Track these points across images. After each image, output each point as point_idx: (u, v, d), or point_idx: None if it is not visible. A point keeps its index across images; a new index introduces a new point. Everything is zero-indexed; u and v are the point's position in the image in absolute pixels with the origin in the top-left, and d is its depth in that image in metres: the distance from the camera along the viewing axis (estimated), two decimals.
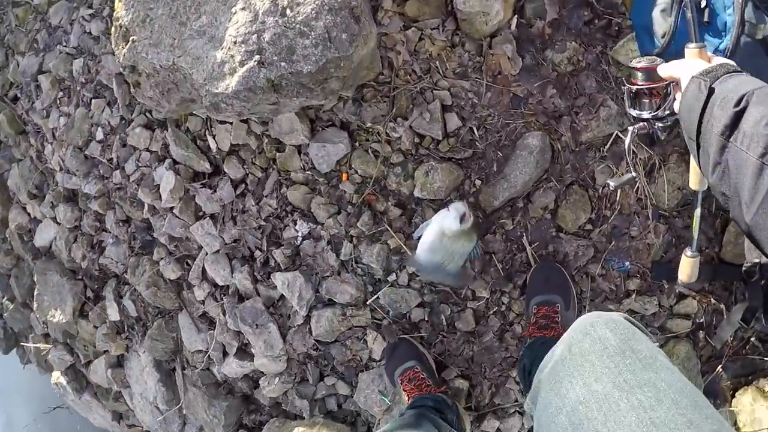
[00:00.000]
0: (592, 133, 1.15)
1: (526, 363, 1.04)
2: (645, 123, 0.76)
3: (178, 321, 1.47)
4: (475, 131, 1.17)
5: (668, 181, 1.18)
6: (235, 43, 0.96)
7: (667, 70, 0.70)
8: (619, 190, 1.18)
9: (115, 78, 1.45)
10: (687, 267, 0.95)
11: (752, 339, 1.28)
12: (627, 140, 0.79)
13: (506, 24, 1.14)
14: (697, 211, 0.87)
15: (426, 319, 1.21)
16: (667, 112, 0.73)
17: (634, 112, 0.76)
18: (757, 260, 1.03)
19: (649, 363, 0.55)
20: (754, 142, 0.46)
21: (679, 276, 1.01)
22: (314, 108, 1.19)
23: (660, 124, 0.75)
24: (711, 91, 0.55)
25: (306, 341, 1.26)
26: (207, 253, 1.34)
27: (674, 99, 0.70)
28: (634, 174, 0.81)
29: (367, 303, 1.22)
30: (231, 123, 1.26)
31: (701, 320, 1.25)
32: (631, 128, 0.77)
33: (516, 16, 1.14)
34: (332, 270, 1.22)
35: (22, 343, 2.06)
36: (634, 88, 0.75)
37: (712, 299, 1.26)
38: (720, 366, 1.29)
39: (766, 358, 1.29)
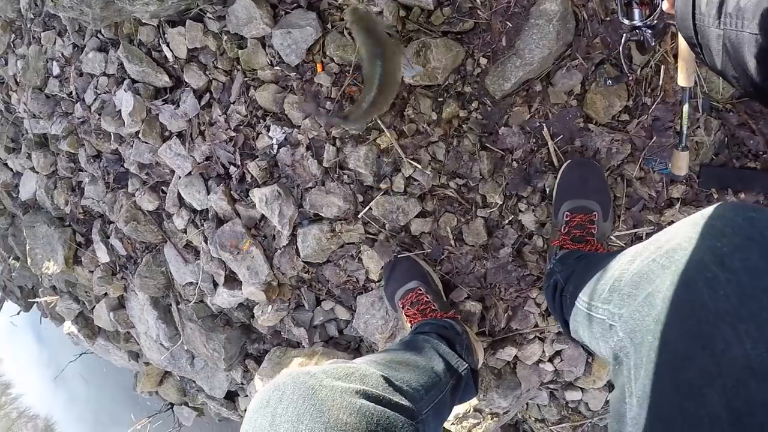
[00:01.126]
0: None
1: (558, 279, 0.84)
2: (637, 30, 0.79)
3: (165, 254, 1.36)
4: None
5: None
6: None
7: None
8: (662, 72, 0.93)
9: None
10: (678, 160, 0.89)
11: None
12: (620, 48, 0.84)
13: None
14: (686, 108, 0.86)
15: (428, 231, 1.03)
16: (655, 21, 0.77)
17: (626, 21, 0.79)
18: None
19: None
20: (740, 19, 0.46)
21: (670, 168, 0.93)
22: None
23: (650, 32, 0.78)
24: None
25: (294, 264, 1.12)
26: (180, 177, 1.20)
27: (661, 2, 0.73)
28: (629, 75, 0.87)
29: (359, 216, 1.04)
30: (184, 25, 1.07)
31: None
32: (624, 35, 0.81)
33: None
34: (315, 180, 1.04)
35: (29, 299, 2.06)
36: None
37: None
38: None
39: None
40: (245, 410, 1.60)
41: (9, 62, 1.59)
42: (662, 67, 0.95)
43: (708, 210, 0.42)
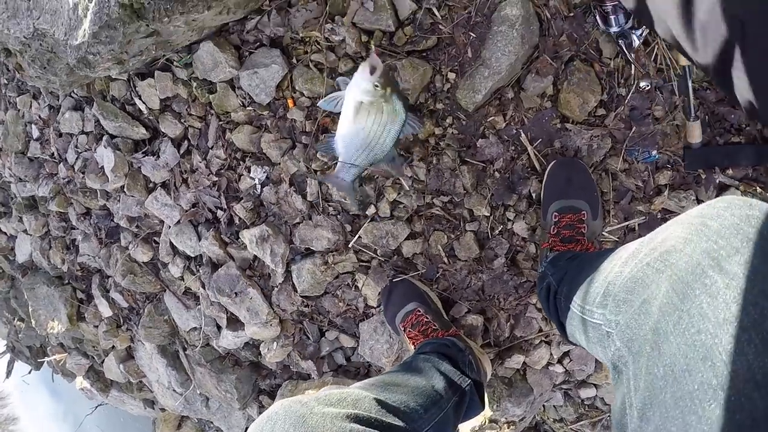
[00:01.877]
0: None
1: (551, 282, 0.83)
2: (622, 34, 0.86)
3: (166, 302, 1.36)
4: (436, 12, 0.92)
5: None
6: None
7: None
8: (633, 58, 0.93)
9: None
10: (693, 130, 0.93)
11: None
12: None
13: None
14: (689, 83, 0.89)
15: (420, 252, 1.03)
16: (629, 25, 0.84)
17: (606, 29, 0.86)
18: None
19: None
20: None
21: (688, 139, 0.96)
22: (234, 31, 0.97)
23: (637, 31, 0.86)
24: None
25: (293, 299, 1.12)
26: (170, 226, 1.20)
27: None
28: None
29: (349, 245, 1.04)
30: (153, 76, 1.08)
31: None
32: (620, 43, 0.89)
33: None
34: (302, 215, 1.04)
35: (39, 359, 2.06)
36: (607, 6, 0.85)
37: (758, 187, 1.01)
38: None
39: None
40: None
41: None
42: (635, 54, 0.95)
43: (702, 208, 0.40)
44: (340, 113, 0.85)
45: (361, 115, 0.81)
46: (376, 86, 0.78)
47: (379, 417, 0.57)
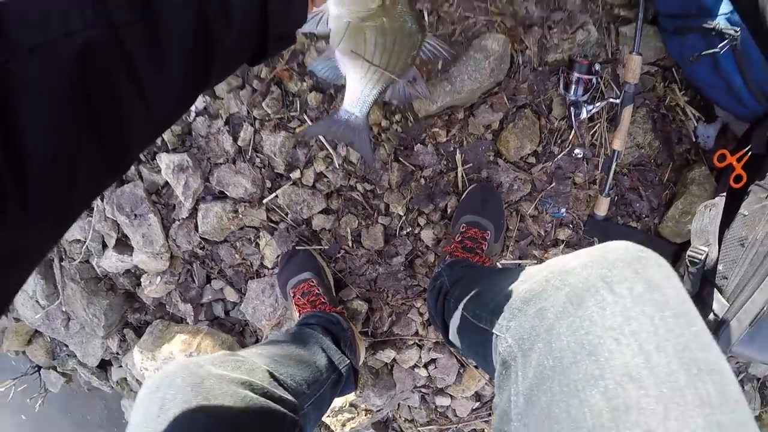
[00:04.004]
0: (561, 55, 0.97)
1: (445, 282, 0.88)
2: (576, 104, 0.97)
3: None
4: (426, 15, 0.97)
5: (630, 134, 1.03)
6: None
7: None
8: (575, 126, 1.03)
9: None
10: (601, 204, 1.06)
11: None
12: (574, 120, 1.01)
13: None
14: (614, 165, 1.01)
15: (329, 228, 1.06)
16: (584, 98, 0.96)
17: (564, 93, 0.95)
18: (705, 249, 0.90)
19: (711, 339, 0.39)
20: None
21: (594, 210, 1.08)
22: None
23: (588, 106, 0.97)
24: None
25: (191, 238, 1.09)
26: None
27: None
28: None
29: (264, 201, 1.04)
30: None
31: None
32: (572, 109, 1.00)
33: None
34: (227, 156, 1.03)
35: None
36: (573, 76, 0.96)
37: None
38: None
39: None
40: (117, 382, 1.52)
41: None
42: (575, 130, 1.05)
43: (602, 245, 0.47)
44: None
45: (356, 39, 0.59)
46: None
47: (271, 389, 0.59)
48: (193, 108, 1.03)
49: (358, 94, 0.67)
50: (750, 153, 0.91)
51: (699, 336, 0.38)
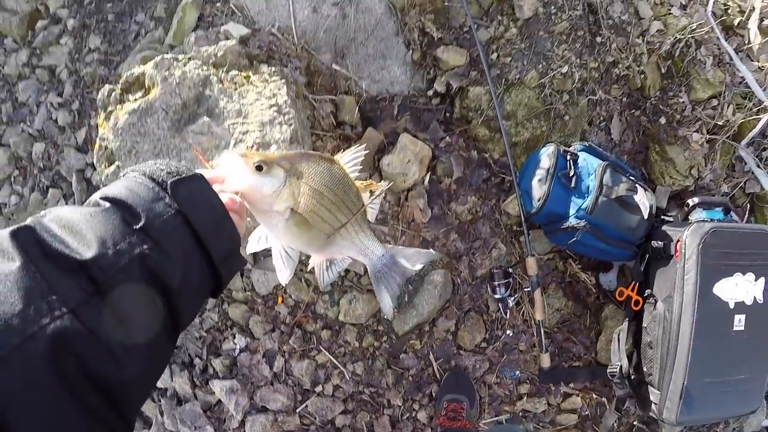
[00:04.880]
0: (486, 270, 1.42)
1: None
2: (502, 300, 1.38)
3: None
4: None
5: (548, 305, 1.47)
6: None
7: None
8: (508, 314, 1.45)
9: (75, 174, 1.54)
10: (544, 359, 1.39)
11: (635, 423, 1.51)
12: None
13: (420, 180, 1.40)
14: (542, 330, 1.35)
15: (348, 424, 1.40)
16: (507, 294, 1.36)
17: (492, 295, 1.34)
18: (618, 363, 1.30)
19: None
20: None
21: (541, 364, 1.41)
22: None
23: (511, 300, 1.38)
24: None
25: None
26: None
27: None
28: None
29: (297, 410, 1.39)
30: None
31: (587, 413, 1.51)
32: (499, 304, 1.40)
33: (429, 173, 1.40)
34: (266, 380, 1.38)
35: None
36: (495, 282, 1.38)
37: (594, 395, 1.53)
38: None
39: None
40: None
41: (2, 189, 1.63)
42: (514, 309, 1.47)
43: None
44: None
45: (306, 224, 0.55)
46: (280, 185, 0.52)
47: None
48: (237, 346, 1.39)
49: (367, 243, 0.65)
50: (636, 282, 1.31)
51: None
